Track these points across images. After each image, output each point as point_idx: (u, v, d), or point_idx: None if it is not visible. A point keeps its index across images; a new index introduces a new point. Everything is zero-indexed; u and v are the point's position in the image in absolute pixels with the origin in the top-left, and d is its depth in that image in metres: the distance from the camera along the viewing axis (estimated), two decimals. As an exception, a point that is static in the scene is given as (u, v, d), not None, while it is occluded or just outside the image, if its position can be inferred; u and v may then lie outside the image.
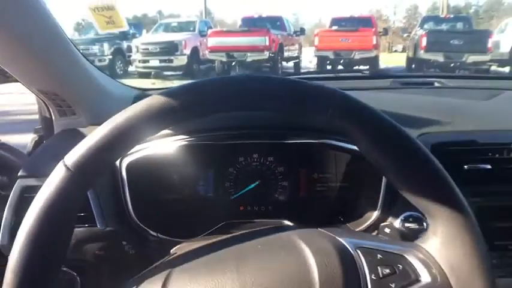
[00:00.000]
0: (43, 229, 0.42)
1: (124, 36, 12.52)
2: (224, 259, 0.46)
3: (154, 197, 0.86)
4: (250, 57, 10.38)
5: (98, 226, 0.71)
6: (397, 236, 0.78)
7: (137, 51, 11.32)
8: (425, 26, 12.10)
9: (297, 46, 13.17)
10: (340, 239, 0.47)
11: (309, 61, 13.60)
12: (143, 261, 0.52)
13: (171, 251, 0.55)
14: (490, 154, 0.84)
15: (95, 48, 11.11)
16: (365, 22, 11.94)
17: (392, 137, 0.47)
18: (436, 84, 1.33)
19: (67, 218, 0.44)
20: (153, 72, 11.54)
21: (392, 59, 16.72)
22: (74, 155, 0.43)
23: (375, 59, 10.83)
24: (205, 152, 0.87)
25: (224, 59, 10.66)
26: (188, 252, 0.51)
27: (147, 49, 11.22)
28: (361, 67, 11.21)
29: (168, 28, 12.88)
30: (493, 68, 11.33)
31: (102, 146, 0.43)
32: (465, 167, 0.81)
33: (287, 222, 0.85)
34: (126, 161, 0.81)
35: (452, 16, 14.65)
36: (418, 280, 0.44)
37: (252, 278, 0.42)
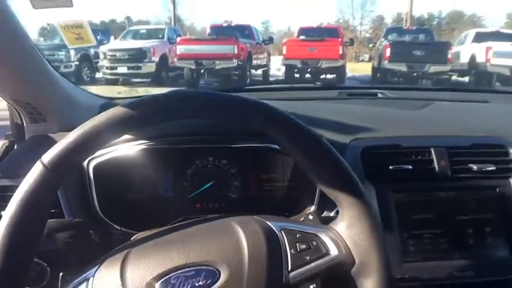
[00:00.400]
0: (21, 222, 0.51)
1: (91, 42, 12.35)
2: (172, 240, 0.57)
3: (118, 195, 0.95)
4: (219, 65, 10.48)
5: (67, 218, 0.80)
6: (318, 221, 0.91)
7: (105, 57, 11.19)
8: (389, 37, 12.58)
9: (265, 54, 13.40)
10: (268, 223, 0.59)
11: (277, 69, 13.85)
12: (107, 249, 0.62)
13: (131, 238, 0.65)
14: (412, 156, 0.98)
15: (61, 54, 10.90)
16: (332, 32, 12.29)
17: (305, 139, 0.59)
18: (379, 95, 1.49)
19: (42, 211, 0.54)
20: (121, 79, 11.44)
21: (359, 68, 17.23)
22: (50, 155, 0.52)
23: (341, 68, 11.16)
24: (166, 155, 0.97)
25: (193, 67, 10.71)
26: (144, 237, 0.61)
27: (115, 56, 11.13)
28: (328, 76, 11.56)
29: (136, 35, 12.82)
30: (454, 77, 11.93)
31: (74, 148, 0.53)
32: (390, 167, 0.95)
33: None
34: (93, 162, 0.90)
35: (414, 28, 15.30)
36: (328, 253, 0.57)
37: (194, 251, 0.53)
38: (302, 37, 12.00)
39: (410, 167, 0.95)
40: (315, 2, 67.79)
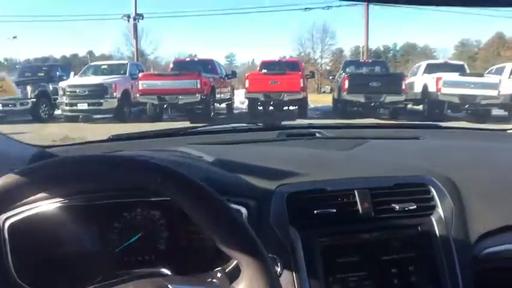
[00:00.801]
0: None
1: (50, 78, 12.15)
2: None
3: (37, 256, 0.91)
4: (182, 100, 10.49)
5: None
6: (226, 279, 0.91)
7: (64, 94, 10.99)
8: (347, 70, 13.10)
9: (229, 88, 13.56)
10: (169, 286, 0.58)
11: (240, 102, 14.03)
12: None
13: None
14: (337, 199, 1.00)
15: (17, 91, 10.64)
16: (292, 66, 12.68)
17: (202, 199, 0.59)
18: (317, 135, 1.53)
19: None
20: (81, 116, 11.24)
21: (321, 100, 17.75)
22: None
23: (303, 100, 11.43)
24: (88, 211, 0.95)
25: (156, 102, 10.68)
26: None
27: (75, 92, 10.96)
28: (291, 107, 11.81)
29: (97, 71, 12.73)
30: (409, 106, 12.46)
31: None
32: (315, 211, 0.97)
33: (165, 271, 0.94)
34: (8, 221, 0.87)
35: (371, 60, 16.03)
36: None
37: None
38: (264, 71, 12.26)
39: (334, 210, 0.98)
40: (277, 36, 69.95)
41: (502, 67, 12.00)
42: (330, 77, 17.54)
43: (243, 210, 0.95)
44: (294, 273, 0.91)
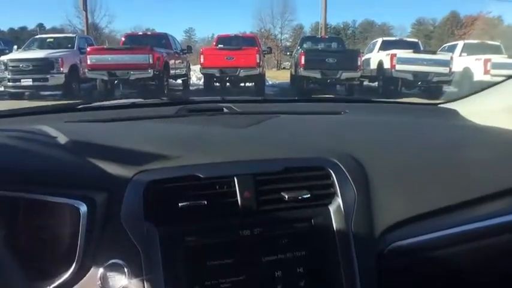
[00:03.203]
0: None
1: (-10, 52, 11.27)
2: None
3: None
4: (134, 75, 10.02)
5: None
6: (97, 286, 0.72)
7: (6, 69, 10.21)
8: (304, 46, 12.92)
9: (185, 64, 13.11)
10: None
11: (197, 78, 13.62)
12: None
13: None
14: (210, 189, 0.81)
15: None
16: (249, 41, 12.37)
17: None
18: (225, 110, 1.33)
19: None
20: (27, 93, 10.51)
21: (281, 76, 17.55)
22: None
23: (260, 76, 11.19)
24: None
25: (106, 78, 10.13)
26: None
27: (18, 66, 10.20)
28: (248, 84, 11.56)
29: (43, 44, 11.89)
30: (365, 83, 12.52)
31: None
32: (180, 204, 0.78)
33: None
34: None
35: (327, 37, 15.93)
36: None
37: None
38: (220, 46, 11.88)
39: (205, 202, 0.79)
40: (236, 11, 68.59)
41: (454, 45, 12.23)
42: (288, 53, 17.34)
43: (82, 207, 0.74)
44: (145, 283, 0.72)
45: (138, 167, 0.81)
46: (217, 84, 11.54)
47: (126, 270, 0.72)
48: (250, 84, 11.47)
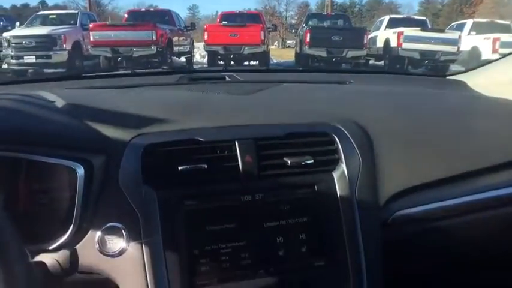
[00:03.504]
0: None
1: (-7, 29, 11.17)
2: None
3: None
4: (137, 52, 9.93)
5: None
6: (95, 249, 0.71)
7: (8, 45, 10.12)
8: (310, 23, 12.73)
9: (188, 41, 12.96)
10: None
11: (201, 56, 13.48)
12: None
13: None
14: (210, 153, 0.79)
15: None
16: (253, 18, 12.18)
17: None
18: (227, 79, 1.30)
19: None
20: (30, 70, 10.45)
21: (285, 54, 17.34)
22: None
23: (264, 54, 11.07)
24: None
25: (109, 55, 10.05)
26: None
27: (21, 43, 10.09)
28: (252, 62, 11.44)
29: (45, 21, 11.77)
30: (371, 62, 12.34)
31: None
32: (179, 168, 0.75)
33: None
34: None
35: (333, 14, 15.66)
36: None
37: None
38: (224, 22, 11.72)
39: (205, 166, 0.76)
40: (243, -12, 67.29)
41: (463, 23, 11.99)
42: (293, 31, 17.09)
43: (79, 169, 0.72)
44: (144, 247, 0.71)
45: (136, 130, 0.79)
46: (221, 62, 11.42)
47: (124, 233, 0.71)
48: (255, 62, 11.34)
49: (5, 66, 10.57)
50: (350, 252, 0.80)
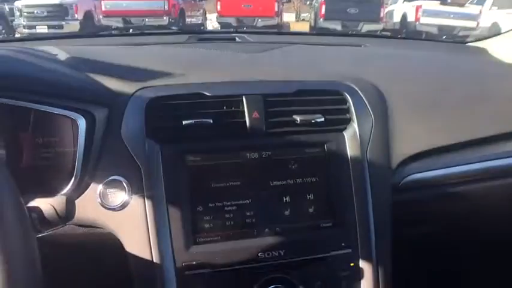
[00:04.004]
0: None
1: (4, -2, 11.11)
2: None
3: None
4: (149, 22, 9.83)
5: None
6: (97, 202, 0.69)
7: (20, 15, 10.07)
8: (326, -6, 12.39)
9: (200, 12, 12.76)
10: None
11: (213, 28, 13.30)
12: None
13: None
14: (216, 108, 0.76)
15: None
16: (267, -11, 11.92)
17: None
18: (238, 40, 1.25)
19: None
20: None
21: (299, 27, 16.97)
22: None
23: (278, 27, 10.86)
24: None
25: (121, 25, 9.96)
26: None
27: (33, 13, 10.02)
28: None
29: (57, -11, 11.67)
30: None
31: None
32: (183, 122, 0.73)
33: None
34: None
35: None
36: None
37: None
38: (237, -8, 11.50)
39: (211, 121, 0.73)
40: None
41: (485, -4, 11.56)
42: (307, 2, 16.71)
43: (81, 121, 0.70)
44: (146, 201, 0.69)
45: (140, 83, 0.76)
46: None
47: (126, 187, 0.69)
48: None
49: (17, 35, 10.55)
50: (359, 215, 0.77)
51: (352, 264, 0.76)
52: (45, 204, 0.53)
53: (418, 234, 0.95)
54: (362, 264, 0.76)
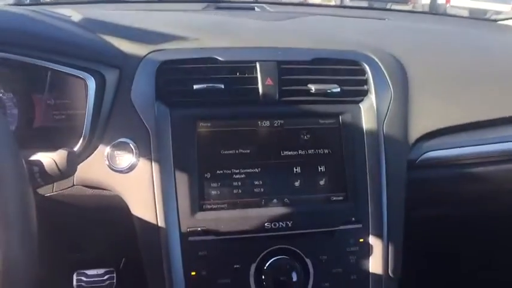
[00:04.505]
0: None
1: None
2: None
3: None
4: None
5: None
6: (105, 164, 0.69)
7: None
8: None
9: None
10: None
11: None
12: None
13: None
14: (228, 73, 0.74)
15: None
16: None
17: None
18: (257, 9, 1.22)
19: None
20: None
21: (324, 1, 16.59)
22: None
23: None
24: None
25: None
26: None
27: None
28: None
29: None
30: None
31: None
32: (194, 87, 0.71)
33: None
34: None
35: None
36: None
37: None
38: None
39: (222, 86, 0.71)
40: None
41: (521, -21, 11.04)
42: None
43: (90, 82, 0.69)
44: (153, 164, 0.68)
45: (152, 46, 0.75)
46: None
47: (134, 149, 0.68)
48: None
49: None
50: (371, 190, 0.74)
51: (361, 240, 0.73)
52: (46, 158, 0.53)
53: (433, 215, 0.92)
54: (372, 240, 0.74)
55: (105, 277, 1.01)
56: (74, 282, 0.98)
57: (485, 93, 0.86)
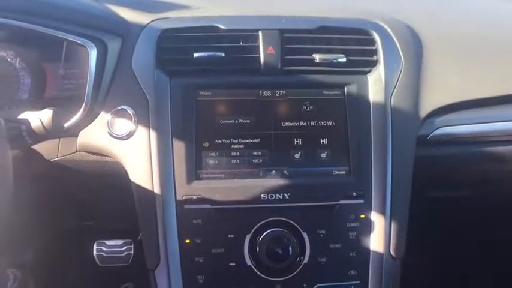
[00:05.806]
0: None
1: None
2: None
3: None
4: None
5: None
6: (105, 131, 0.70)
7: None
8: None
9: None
10: None
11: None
12: None
13: None
14: (232, 42, 0.72)
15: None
16: None
17: None
18: None
19: None
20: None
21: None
22: None
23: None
24: None
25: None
26: None
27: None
28: None
29: None
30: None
31: None
32: (195, 55, 0.70)
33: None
34: None
35: None
36: None
37: None
38: None
39: (223, 54, 0.70)
40: None
41: None
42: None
43: (92, 49, 0.69)
44: (151, 131, 0.68)
45: (154, 15, 0.75)
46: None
47: (133, 117, 0.69)
48: None
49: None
50: (375, 165, 0.71)
51: (362, 216, 0.71)
52: (33, 117, 0.54)
53: (443, 196, 0.88)
54: (374, 217, 0.71)
55: (123, 248, 1.04)
56: (94, 252, 1.01)
57: (504, 66, 0.80)
